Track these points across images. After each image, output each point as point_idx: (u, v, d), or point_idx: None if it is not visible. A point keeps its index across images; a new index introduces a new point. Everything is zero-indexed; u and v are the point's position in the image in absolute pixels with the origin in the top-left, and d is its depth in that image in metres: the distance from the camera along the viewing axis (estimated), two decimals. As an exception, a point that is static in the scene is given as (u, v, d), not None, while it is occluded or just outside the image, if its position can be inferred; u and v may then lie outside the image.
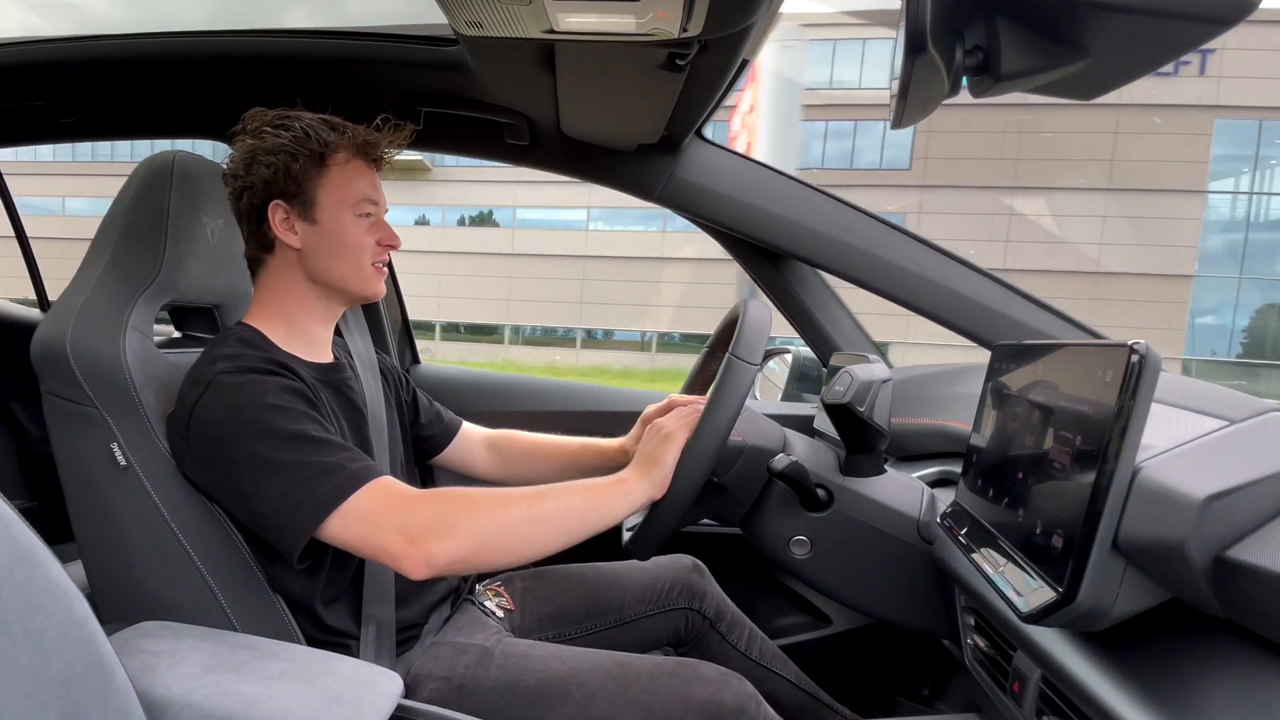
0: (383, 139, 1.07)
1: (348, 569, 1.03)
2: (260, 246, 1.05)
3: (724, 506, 1.13)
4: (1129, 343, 0.62)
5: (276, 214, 1.02)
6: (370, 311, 1.76)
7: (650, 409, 1.22)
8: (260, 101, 1.06)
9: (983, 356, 1.09)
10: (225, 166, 1.05)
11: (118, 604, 1.01)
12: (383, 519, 0.88)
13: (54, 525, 1.07)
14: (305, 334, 1.07)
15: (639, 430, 1.25)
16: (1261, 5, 0.55)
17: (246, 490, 0.91)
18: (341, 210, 1.03)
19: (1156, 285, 21.88)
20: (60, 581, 0.54)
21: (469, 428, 1.38)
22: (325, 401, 1.02)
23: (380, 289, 1.09)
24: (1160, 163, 20.68)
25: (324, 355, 1.10)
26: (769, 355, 2.25)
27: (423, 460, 1.35)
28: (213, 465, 0.93)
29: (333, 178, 1.02)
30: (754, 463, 1.09)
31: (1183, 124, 20.61)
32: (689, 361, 1.45)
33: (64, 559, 0.57)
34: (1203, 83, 20.54)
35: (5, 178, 2.10)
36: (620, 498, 0.97)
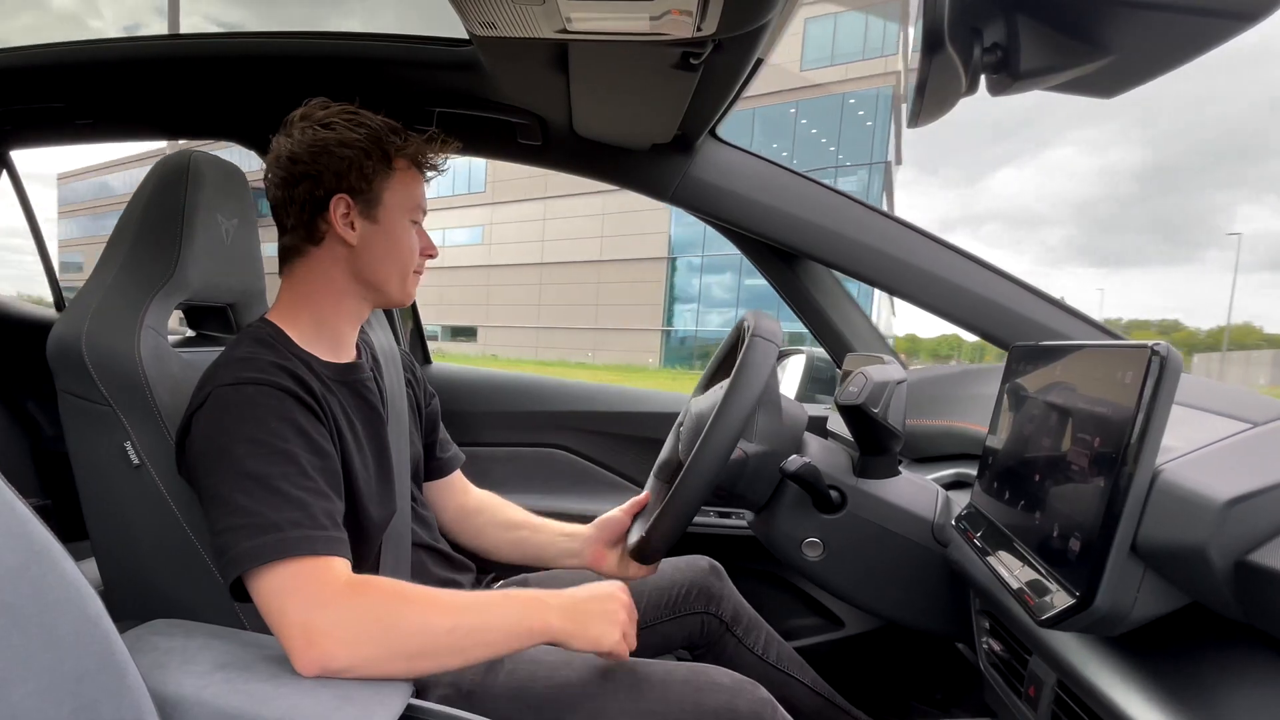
0: (434, 149, 1.08)
1: (361, 569, 1.03)
2: (306, 237, 1.03)
3: (743, 491, 1.13)
4: (1149, 344, 0.62)
5: (339, 207, 1.00)
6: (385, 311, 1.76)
7: (603, 517, 1.24)
8: (273, 103, 1.06)
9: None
10: (282, 151, 1.02)
11: (130, 601, 1.02)
12: (293, 603, 0.81)
13: (68, 523, 1.08)
14: (332, 331, 1.06)
15: (595, 530, 1.25)
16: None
17: (206, 511, 0.88)
18: (401, 214, 1.04)
19: (643, 268, 29.70)
20: (74, 579, 0.55)
21: (459, 476, 1.36)
22: (338, 407, 1.01)
23: (411, 296, 1.10)
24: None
25: (346, 355, 1.09)
26: (782, 356, 2.25)
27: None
28: (195, 474, 0.91)
29: (398, 181, 1.04)
30: (765, 464, 1.09)
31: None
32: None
33: (78, 556, 0.58)
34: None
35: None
36: (535, 636, 0.90)
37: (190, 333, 1.25)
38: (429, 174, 1.10)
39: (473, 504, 1.36)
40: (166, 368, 1.02)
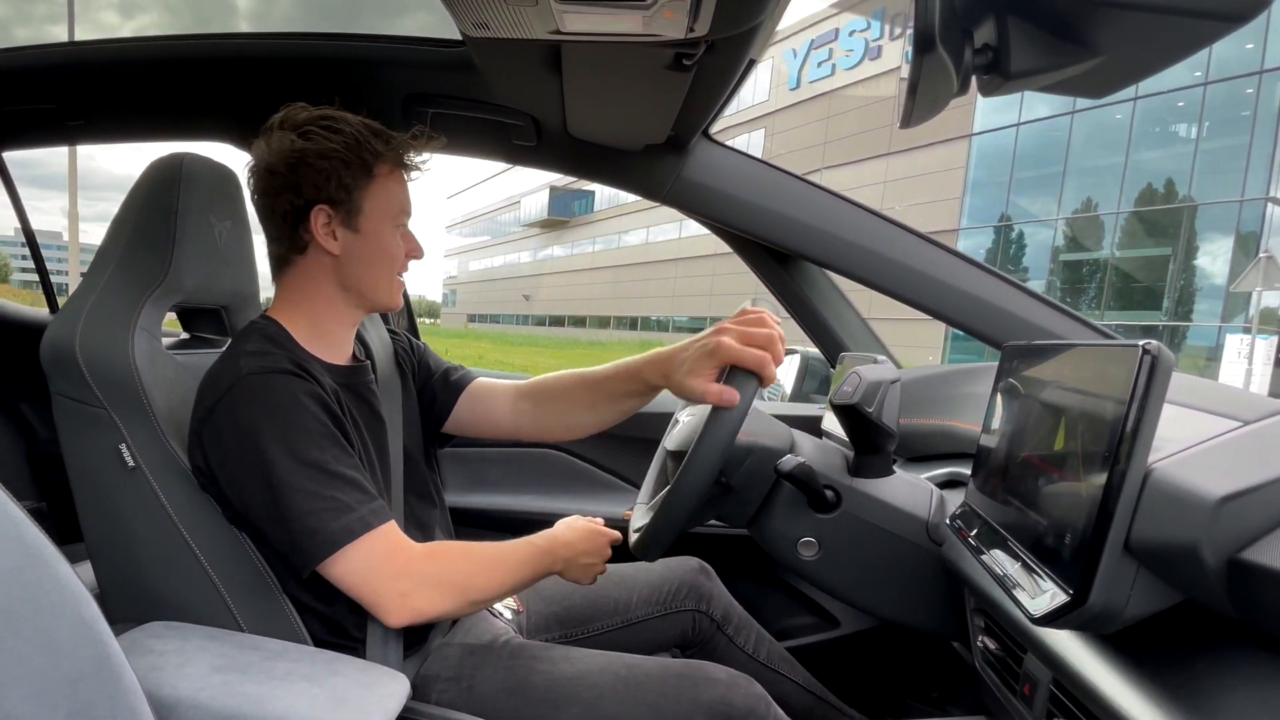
0: (419, 147, 1.07)
1: None
2: (291, 247, 1.04)
3: (731, 507, 1.13)
4: (1140, 343, 0.62)
5: (319, 218, 1.01)
6: None
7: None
8: (265, 105, 1.05)
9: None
10: (260, 160, 1.02)
11: (126, 604, 1.02)
12: (383, 571, 0.93)
13: (63, 526, 1.08)
14: (329, 335, 1.07)
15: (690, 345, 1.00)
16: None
17: (262, 502, 0.91)
18: (383, 221, 1.04)
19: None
20: (69, 582, 0.54)
21: (487, 382, 1.29)
22: (345, 407, 1.01)
23: (399, 301, 1.10)
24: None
25: (344, 356, 1.10)
26: None
27: (435, 427, 1.27)
28: (228, 465, 0.93)
29: (378, 188, 1.03)
30: (762, 463, 1.09)
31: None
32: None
33: (73, 559, 0.58)
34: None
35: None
36: (548, 574, 1.07)
37: (184, 335, 1.24)
38: (413, 175, 1.09)
39: (513, 391, 1.26)
40: (161, 370, 1.02)
